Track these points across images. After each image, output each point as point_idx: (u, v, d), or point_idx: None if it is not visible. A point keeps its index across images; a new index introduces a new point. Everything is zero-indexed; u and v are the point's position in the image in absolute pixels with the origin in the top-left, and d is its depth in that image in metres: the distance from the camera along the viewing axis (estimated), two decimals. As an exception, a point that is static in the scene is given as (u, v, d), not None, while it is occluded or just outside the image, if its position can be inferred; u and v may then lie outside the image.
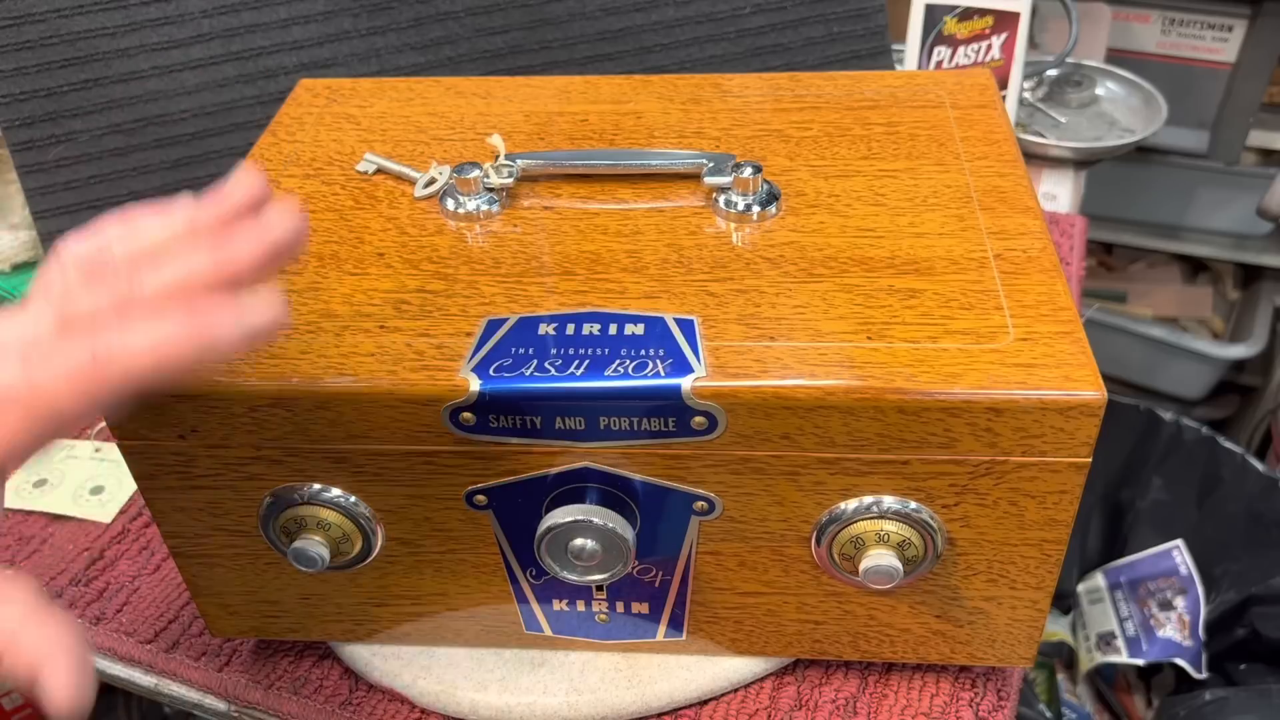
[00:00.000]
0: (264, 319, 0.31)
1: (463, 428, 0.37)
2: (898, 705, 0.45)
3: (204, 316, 0.30)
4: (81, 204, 0.64)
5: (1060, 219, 0.79)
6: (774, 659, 0.46)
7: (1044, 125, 0.94)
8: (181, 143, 0.65)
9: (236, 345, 0.31)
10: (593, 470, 0.39)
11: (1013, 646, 0.43)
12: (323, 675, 0.47)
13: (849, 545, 0.39)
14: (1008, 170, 0.45)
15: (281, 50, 0.66)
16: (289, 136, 0.51)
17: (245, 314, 0.31)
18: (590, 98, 0.52)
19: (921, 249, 0.41)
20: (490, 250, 0.43)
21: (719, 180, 0.44)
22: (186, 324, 0.30)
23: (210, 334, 0.30)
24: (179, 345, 0.30)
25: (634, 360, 0.36)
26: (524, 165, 0.46)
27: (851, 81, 0.52)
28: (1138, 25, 1.20)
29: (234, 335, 0.31)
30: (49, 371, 0.29)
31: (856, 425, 0.36)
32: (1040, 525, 0.38)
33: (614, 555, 0.39)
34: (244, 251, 0.32)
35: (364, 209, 0.46)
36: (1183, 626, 0.96)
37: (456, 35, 0.68)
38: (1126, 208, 1.32)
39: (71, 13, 0.62)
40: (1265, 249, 1.29)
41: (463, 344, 0.38)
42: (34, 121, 0.63)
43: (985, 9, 0.79)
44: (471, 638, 0.46)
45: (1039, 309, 0.38)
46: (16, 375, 0.29)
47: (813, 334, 0.37)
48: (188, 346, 0.30)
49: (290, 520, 0.40)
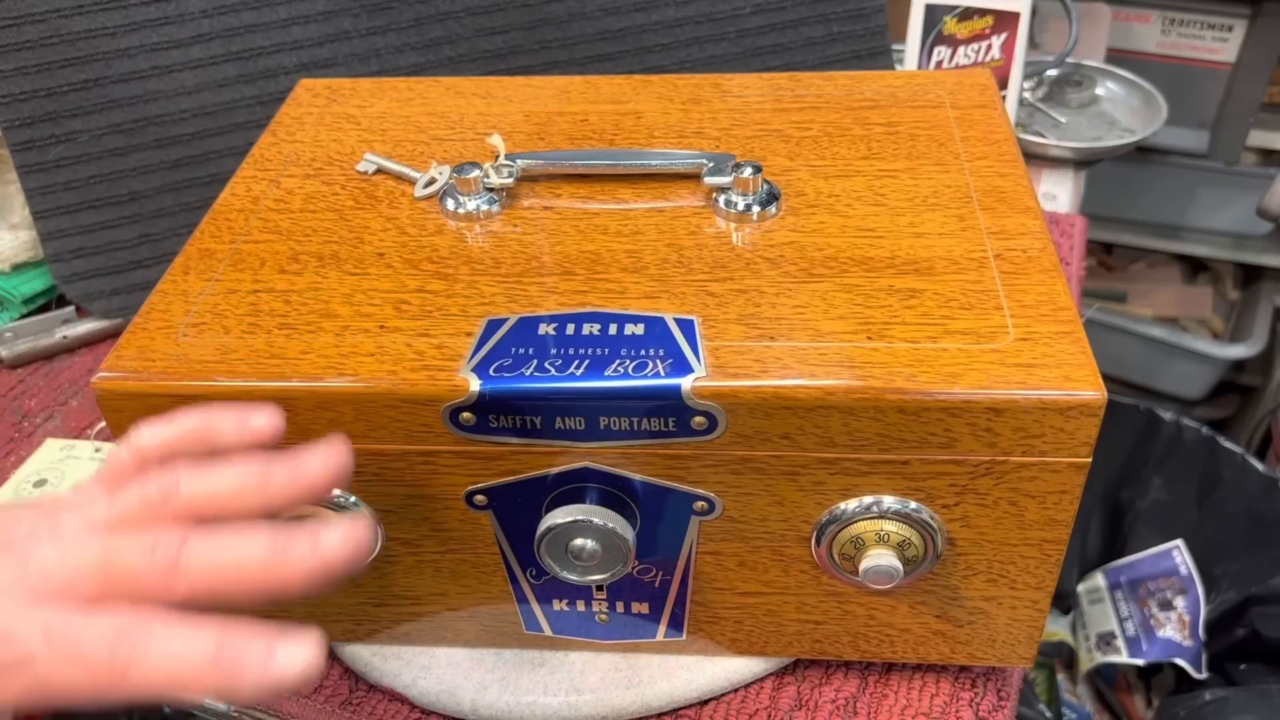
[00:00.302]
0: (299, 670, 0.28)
1: (463, 428, 0.37)
2: (898, 705, 0.45)
3: (235, 651, 0.28)
4: (81, 204, 0.64)
5: (1060, 219, 0.79)
6: (774, 659, 0.46)
7: (1044, 125, 0.94)
8: (181, 143, 0.65)
9: (259, 694, 0.29)
10: (593, 470, 0.39)
11: (1013, 646, 0.43)
12: (323, 675, 0.47)
13: (849, 545, 0.39)
14: (1008, 170, 0.45)
15: (281, 50, 0.66)
16: (289, 136, 0.51)
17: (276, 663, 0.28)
18: (590, 98, 0.52)
19: (921, 249, 0.41)
20: (490, 250, 0.43)
21: (719, 180, 0.44)
22: (214, 654, 0.28)
23: (234, 675, 0.28)
24: (199, 676, 0.28)
25: (634, 360, 0.36)
26: (524, 165, 0.46)
27: (851, 81, 0.52)
28: (1138, 25, 1.20)
29: (258, 684, 0.28)
30: (64, 659, 0.28)
31: (856, 425, 0.36)
32: (1040, 525, 0.38)
33: (614, 555, 0.39)
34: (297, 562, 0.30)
35: (364, 209, 0.46)
36: (1183, 626, 0.96)
37: (456, 35, 0.68)
38: (1126, 208, 1.32)
39: (71, 13, 0.62)
40: (1265, 249, 1.29)
41: (463, 344, 0.38)
42: (34, 121, 0.63)
43: (985, 9, 0.79)
44: (471, 638, 0.46)
45: (1039, 309, 0.38)
46: (34, 647, 0.28)
47: (813, 334, 0.37)
48: (207, 680, 0.28)
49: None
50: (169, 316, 0.40)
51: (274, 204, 0.46)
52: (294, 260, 0.43)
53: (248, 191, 0.47)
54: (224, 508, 0.31)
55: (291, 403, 0.37)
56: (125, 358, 0.38)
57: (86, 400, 0.63)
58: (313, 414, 0.37)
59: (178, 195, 0.66)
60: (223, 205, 0.46)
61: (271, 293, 0.41)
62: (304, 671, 0.28)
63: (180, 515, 0.30)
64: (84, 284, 0.65)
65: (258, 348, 0.38)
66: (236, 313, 0.40)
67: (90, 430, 0.61)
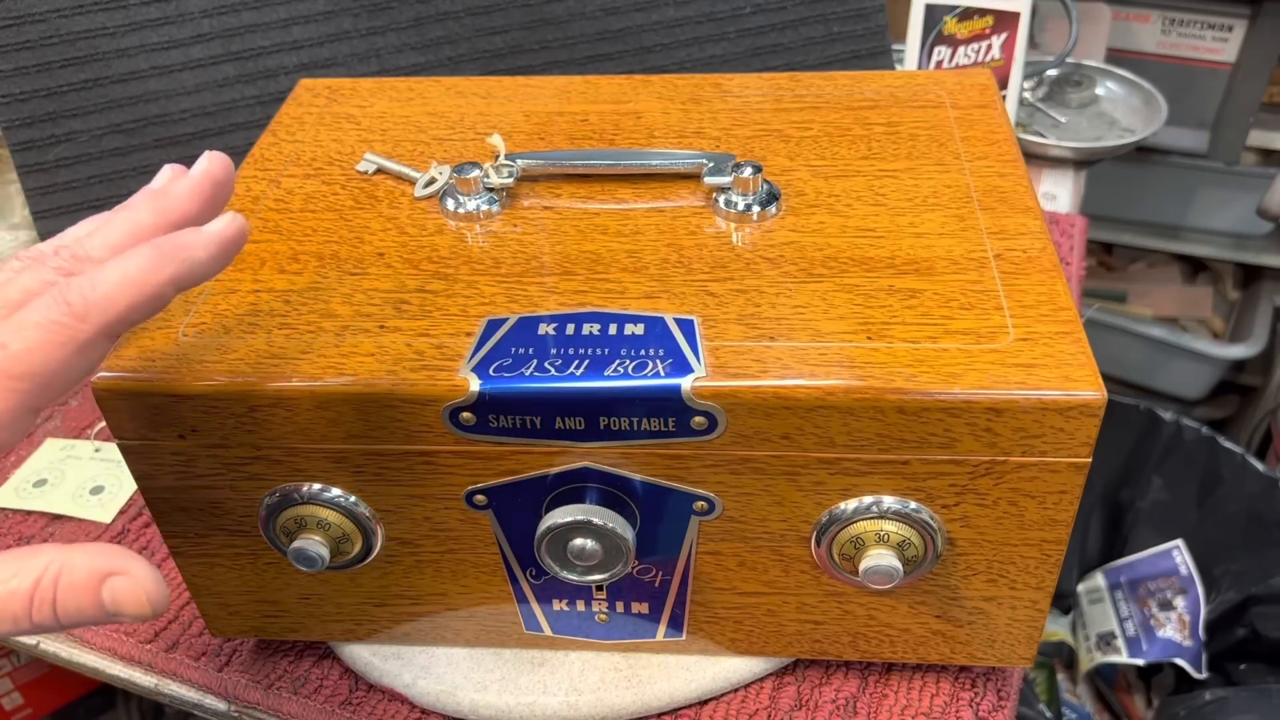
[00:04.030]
0: (231, 230, 0.31)
1: (463, 428, 0.37)
2: (898, 705, 0.45)
3: (169, 241, 0.30)
4: (81, 204, 0.64)
5: (1060, 219, 0.79)
6: (774, 659, 0.46)
7: (1044, 125, 0.93)
8: (181, 143, 0.65)
9: (212, 261, 0.31)
10: (593, 470, 0.39)
11: (1013, 646, 0.43)
12: (323, 675, 0.47)
13: (849, 545, 0.39)
14: (1008, 170, 0.45)
15: (281, 50, 0.66)
16: (289, 136, 0.51)
17: (210, 230, 0.30)
18: (590, 98, 0.52)
19: (921, 249, 0.41)
20: (490, 250, 0.43)
21: (719, 180, 0.44)
22: (154, 252, 0.29)
23: (182, 254, 0.30)
24: (153, 272, 0.29)
25: (634, 360, 0.36)
26: (524, 165, 0.46)
27: (851, 81, 0.52)
28: (1138, 25, 1.20)
29: (207, 248, 0.30)
30: (22, 332, 0.28)
31: (856, 425, 0.36)
32: (1040, 525, 0.38)
33: (614, 555, 0.39)
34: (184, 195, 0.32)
35: (364, 209, 0.46)
36: (1183, 626, 0.96)
37: (456, 35, 0.68)
38: (1126, 208, 1.32)
39: (71, 13, 0.62)
40: (1265, 249, 1.29)
41: (463, 344, 0.38)
42: (34, 121, 0.63)
43: (985, 9, 0.79)
44: (471, 638, 0.46)
45: (1039, 309, 0.38)
46: None
47: (813, 334, 0.37)
48: (163, 271, 0.29)
49: (290, 520, 0.40)
50: (169, 316, 0.40)
51: (274, 204, 0.46)
52: (294, 260, 0.43)
53: (248, 191, 0.47)
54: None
55: (291, 403, 0.37)
56: (125, 358, 0.38)
57: (86, 400, 0.64)
58: (313, 414, 0.37)
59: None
60: (223, 205, 0.46)
61: (271, 293, 0.41)
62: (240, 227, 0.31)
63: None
64: (84, 284, 0.65)
65: (258, 348, 0.38)
66: (236, 313, 0.40)
67: (90, 430, 0.61)
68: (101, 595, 0.29)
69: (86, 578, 0.29)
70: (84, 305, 0.29)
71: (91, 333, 0.29)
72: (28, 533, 0.56)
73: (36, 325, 0.28)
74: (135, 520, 0.56)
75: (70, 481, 0.58)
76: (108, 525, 0.56)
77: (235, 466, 0.39)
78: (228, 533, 0.42)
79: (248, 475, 0.40)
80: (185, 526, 0.42)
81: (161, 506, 0.41)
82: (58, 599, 0.29)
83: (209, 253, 0.31)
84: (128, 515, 0.56)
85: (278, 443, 0.38)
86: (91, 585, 0.29)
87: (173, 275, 0.30)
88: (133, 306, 0.29)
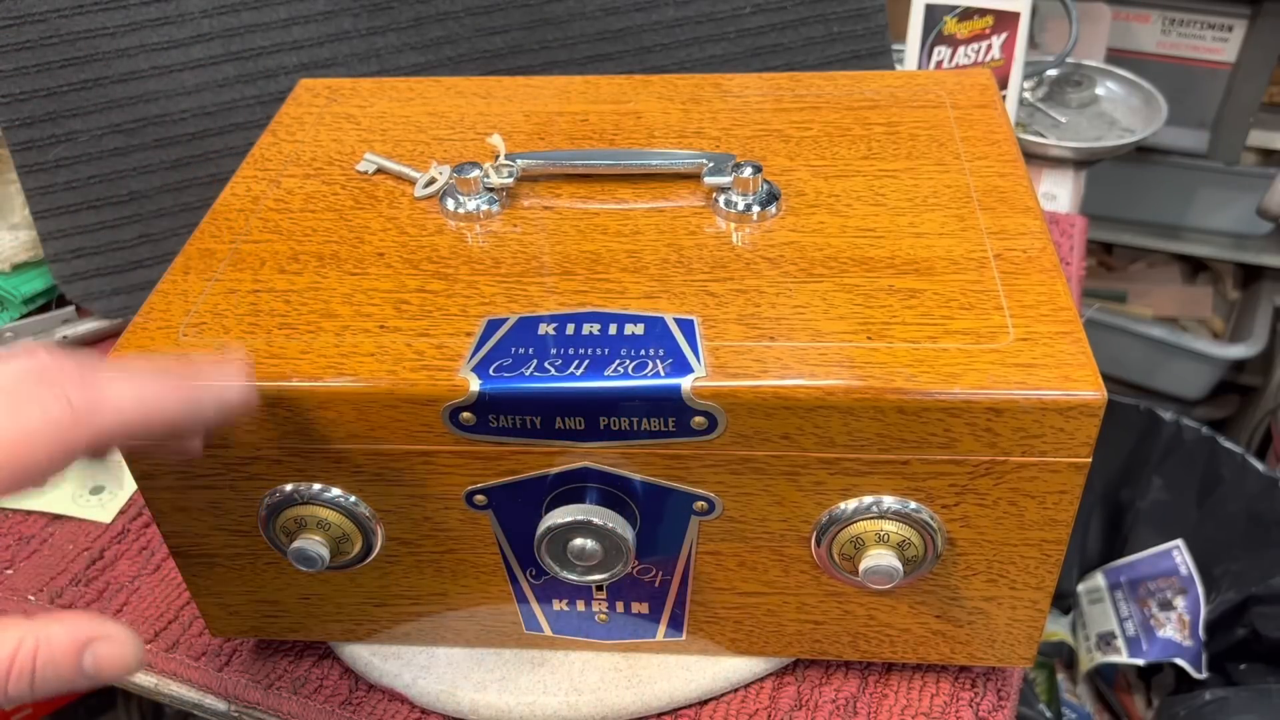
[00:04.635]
0: (243, 368, 0.32)
1: (463, 428, 0.37)
2: (898, 705, 0.45)
3: (184, 367, 0.30)
4: (81, 204, 0.64)
5: (1060, 219, 0.79)
6: (774, 659, 0.46)
7: (1044, 125, 0.93)
8: (181, 143, 0.65)
9: (227, 397, 0.31)
10: (592, 470, 0.39)
11: (1013, 646, 0.43)
12: (323, 675, 0.47)
13: (849, 545, 0.39)
14: (1008, 170, 0.45)
15: (281, 50, 0.66)
16: (289, 136, 0.51)
17: (224, 364, 0.31)
18: (590, 98, 0.52)
19: (921, 249, 0.41)
20: (490, 250, 0.43)
21: (719, 180, 0.44)
22: (168, 376, 0.30)
23: (198, 377, 0.30)
24: (165, 392, 0.29)
25: (634, 360, 0.36)
26: (524, 165, 0.46)
27: (851, 81, 0.52)
28: (1138, 25, 1.20)
29: (223, 379, 0.31)
30: (20, 419, 0.28)
31: (856, 425, 0.36)
32: (1040, 525, 0.38)
33: (614, 555, 0.39)
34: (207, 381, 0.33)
35: (364, 209, 0.46)
36: (1183, 626, 0.96)
37: (456, 35, 0.68)
38: (1126, 208, 1.32)
39: (71, 13, 0.62)
40: (1265, 249, 1.29)
41: (463, 344, 0.38)
42: (34, 121, 0.63)
43: (985, 9, 0.79)
44: (471, 638, 0.46)
45: (1039, 309, 0.38)
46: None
47: (813, 334, 0.37)
48: (175, 394, 0.30)
49: (290, 520, 0.40)
50: (169, 316, 0.40)
51: (274, 204, 0.46)
52: (294, 260, 0.43)
53: (248, 191, 0.47)
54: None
55: (291, 403, 0.37)
56: (125, 358, 0.38)
57: (86, 400, 0.63)
58: (313, 414, 0.37)
59: (178, 195, 0.66)
60: (223, 205, 0.46)
61: (271, 293, 0.41)
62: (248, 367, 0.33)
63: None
64: (84, 284, 0.65)
65: (258, 348, 0.38)
66: (236, 313, 0.40)
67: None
68: (83, 662, 0.29)
69: (66, 647, 0.29)
70: (89, 411, 0.28)
71: (86, 443, 0.29)
72: (28, 532, 0.56)
73: (40, 416, 0.28)
74: (135, 520, 0.56)
75: (70, 481, 0.58)
76: (108, 525, 0.56)
77: (235, 466, 0.39)
78: (228, 533, 0.42)
79: (248, 475, 0.40)
80: (185, 526, 0.42)
81: (161, 506, 0.41)
82: (37, 672, 0.28)
83: (226, 388, 0.32)
84: (128, 515, 0.56)
85: (278, 443, 0.38)
86: (71, 655, 0.29)
87: (185, 402, 0.30)
88: (137, 422, 0.29)
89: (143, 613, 0.51)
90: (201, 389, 0.32)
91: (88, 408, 0.29)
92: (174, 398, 0.30)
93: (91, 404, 0.29)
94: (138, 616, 0.51)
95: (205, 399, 0.32)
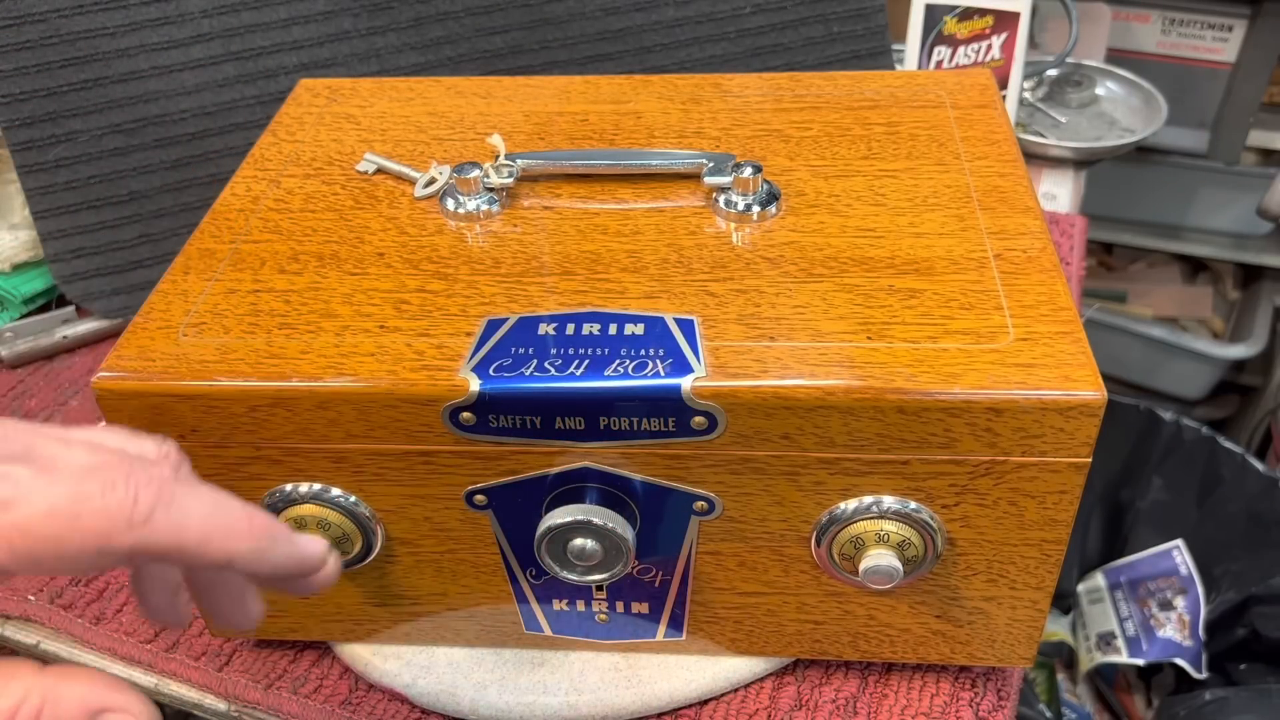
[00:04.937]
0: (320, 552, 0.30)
1: (463, 428, 0.37)
2: (898, 705, 0.45)
3: (263, 519, 0.28)
4: (81, 204, 0.64)
5: (1060, 219, 0.79)
6: (774, 659, 0.46)
7: (1044, 125, 0.93)
8: (181, 143, 0.65)
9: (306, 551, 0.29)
10: (593, 470, 0.39)
11: (1013, 646, 0.43)
12: (323, 675, 0.47)
13: (849, 545, 0.39)
14: (1008, 170, 0.45)
15: (281, 50, 0.66)
16: (289, 136, 0.51)
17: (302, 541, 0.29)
18: (590, 98, 0.52)
19: (921, 249, 0.41)
20: (490, 250, 0.43)
21: (719, 180, 0.44)
22: (246, 514, 0.27)
23: (267, 539, 0.28)
24: (238, 522, 0.27)
25: (634, 360, 0.36)
26: (524, 165, 0.46)
27: (851, 81, 0.52)
28: (1138, 25, 1.20)
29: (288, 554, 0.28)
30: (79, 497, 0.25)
31: (856, 425, 0.36)
32: (1040, 525, 0.38)
33: (614, 555, 0.39)
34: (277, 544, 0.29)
35: (364, 209, 0.46)
36: (1183, 626, 0.96)
37: (456, 35, 0.68)
38: (1126, 208, 1.32)
39: (71, 13, 0.62)
40: (1265, 249, 1.29)
41: (463, 344, 0.38)
42: (34, 121, 0.63)
43: (985, 9, 0.79)
44: (471, 638, 0.46)
45: (1039, 309, 0.38)
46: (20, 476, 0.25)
47: (813, 334, 0.37)
48: (241, 538, 0.27)
49: (290, 520, 0.40)
50: (169, 316, 0.40)
51: (274, 204, 0.46)
52: (294, 260, 0.43)
53: (248, 191, 0.47)
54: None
55: (291, 403, 0.37)
56: (125, 358, 0.38)
57: (86, 400, 0.63)
58: (313, 414, 0.37)
59: (178, 195, 0.66)
60: (223, 205, 0.46)
61: (271, 293, 0.41)
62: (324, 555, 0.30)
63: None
64: (84, 284, 0.65)
65: (258, 348, 0.38)
66: (236, 313, 0.40)
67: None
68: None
69: (74, 714, 0.26)
70: (145, 514, 0.26)
71: (126, 545, 0.26)
72: (28, 533, 0.56)
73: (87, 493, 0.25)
74: (135, 520, 0.56)
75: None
76: (108, 525, 0.56)
77: (235, 466, 0.39)
78: (228, 533, 0.42)
79: (248, 475, 0.40)
80: (185, 526, 0.42)
81: (161, 506, 0.41)
82: None
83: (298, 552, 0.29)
84: (128, 515, 0.56)
85: (278, 443, 0.38)
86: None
87: (254, 548, 0.27)
88: (196, 546, 0.27)
89: (143, 613, 0.51)
90: (279, 529, 0.29)
91: (145, 514, 0.26)
92: (245, 531, 0.28)
93: (149, 511, 0.26)
94: (137, 617, 0.51)
95: (279, 546, 0.29)
